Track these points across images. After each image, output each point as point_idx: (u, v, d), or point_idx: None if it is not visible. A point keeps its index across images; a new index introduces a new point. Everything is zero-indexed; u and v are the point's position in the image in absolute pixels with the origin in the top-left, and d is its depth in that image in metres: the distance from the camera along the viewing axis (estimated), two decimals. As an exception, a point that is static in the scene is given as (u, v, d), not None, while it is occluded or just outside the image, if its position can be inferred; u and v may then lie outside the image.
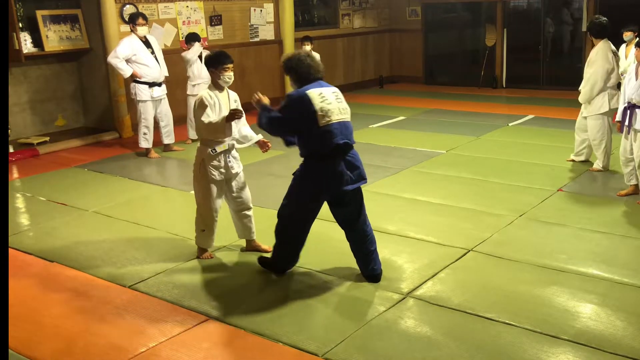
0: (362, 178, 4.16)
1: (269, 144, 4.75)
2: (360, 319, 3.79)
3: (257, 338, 3.65)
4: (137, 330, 3.78)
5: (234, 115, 4.37)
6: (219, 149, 4.53)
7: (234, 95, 4.70)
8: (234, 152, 4.67)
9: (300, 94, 4.00)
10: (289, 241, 4.32)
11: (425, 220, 5.44)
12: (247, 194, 4.78)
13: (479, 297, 4.03)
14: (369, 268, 4.32)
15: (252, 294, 4.20)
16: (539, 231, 5.14)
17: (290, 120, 4.04)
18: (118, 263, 4.74)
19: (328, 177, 4.05)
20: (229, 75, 4.55)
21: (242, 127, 4.74)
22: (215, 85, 4.58)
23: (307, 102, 3.95)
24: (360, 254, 4.33)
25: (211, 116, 4.44)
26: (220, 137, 4.48)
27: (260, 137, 4.78)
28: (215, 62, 4.52)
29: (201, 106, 4.47)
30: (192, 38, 8.32)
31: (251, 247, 4.87)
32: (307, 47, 9.55)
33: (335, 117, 3.99)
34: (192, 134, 8.44)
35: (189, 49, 8.31)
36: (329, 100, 4.00)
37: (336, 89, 4.16)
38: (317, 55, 10.47)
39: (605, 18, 6.56)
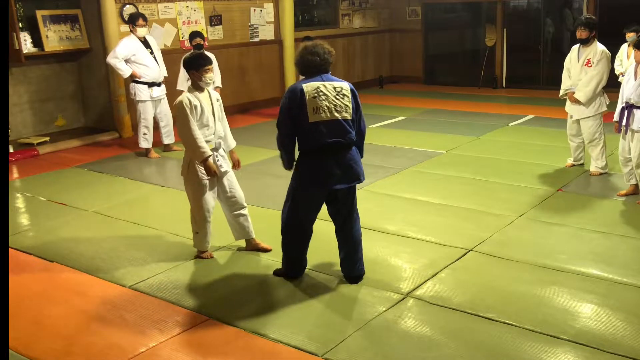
0: (356, 178, 4.12)
1: (238, 165, 4.82)
2: (360, 319, 3.79)
3: (257, 338, 3.65)
4: (137, 330, 3.78)
5: (209, 168, 4.45)
6: None
7: (215, 95, 4.70)
8: (221, 150, 4.67)
9: (295, 87, 4.01)
10: (294, 243, 4.30)
11: (425, 220, 5.44)
12: (239, 192, 4.77)
13: (479, 297, 4.03)
14: (350, 269, 4.30)
15: (252, 293, 4.20)
16: (539, 231, 5.14)
17: (286, 113, 4.01)
18: (118, 263, 4.74)
19: (316, 174, 4.04)
20: (210, 77, 4.56)
21: (225, 126, 4.76)
22: (196, 86, 4.58)
23: (300, 95, 3.95)
24: (344, 253, 4.31)
25: (196, 131, 4.44)
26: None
27: (234, 144, 4.82)
28: (195, 64, 4.54)
29: (182, 114, 4.46)
30: (195, 35, 8.29)
31: (251, 246, 4.86)
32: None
33: (327, 116, 3.96)
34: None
35: (191, 48, 8.29)
36: (324, 95, 3.97)
37: (342, 84, 4.07)
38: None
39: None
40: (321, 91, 3.97)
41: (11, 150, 8.02)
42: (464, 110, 10.56)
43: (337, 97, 4.02)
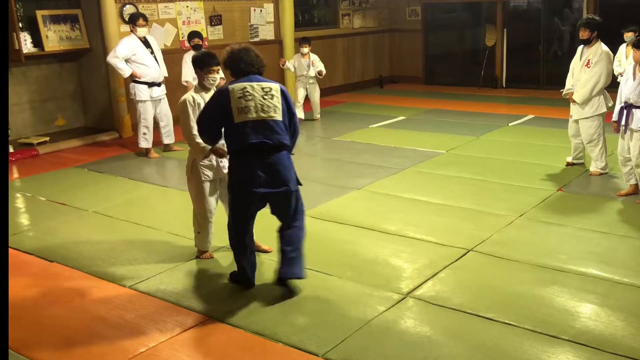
0: (283, 184, 3.97)
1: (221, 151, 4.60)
2: (360, 319, 3.79)
3: (257, 338, 3.65)
4: (137, 330, 3.78)
5: (217, 151, 4.41)
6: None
7: None
8: None
9: (222, 88, 4.01)
10: (240, 247, 4.21)
11: (425, 220, 5.44)
12: None
13: (479, 297, 4.03)
14: (281, 270, 4.11)
15: (252, 293, 4.19)
16: (539, 231, 5.14)
17: (210, 113, 4.06)
18: (118, 263, 4.74)
19: (242, 175, 3.98)
20: (213, 77, 4.55)
21: None
22: (201, 86, 4.58)
23: (225, 96, 3.94)
24: (280, 253, 4.15)
25: (195, 128, 4.39)
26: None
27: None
28: (201, 63, 4.53)
29: (184, 111, 4.46)
30: (193, 35, 8.30)
31: (251, 247, 4.85)
32: (305, 49, 9.57)
33: (253, 115, 3.90)
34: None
35: (190, 47, 8.30)
36: (251, 95, 3.92)
37: (272, 85, 4.02)
38: (315, 57, 10.46)
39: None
40: (247, 91, 3.94)
41: (11, 150, 8.02)
42: (464, 110, 10.56)
43: (265, 97, 3.95)
